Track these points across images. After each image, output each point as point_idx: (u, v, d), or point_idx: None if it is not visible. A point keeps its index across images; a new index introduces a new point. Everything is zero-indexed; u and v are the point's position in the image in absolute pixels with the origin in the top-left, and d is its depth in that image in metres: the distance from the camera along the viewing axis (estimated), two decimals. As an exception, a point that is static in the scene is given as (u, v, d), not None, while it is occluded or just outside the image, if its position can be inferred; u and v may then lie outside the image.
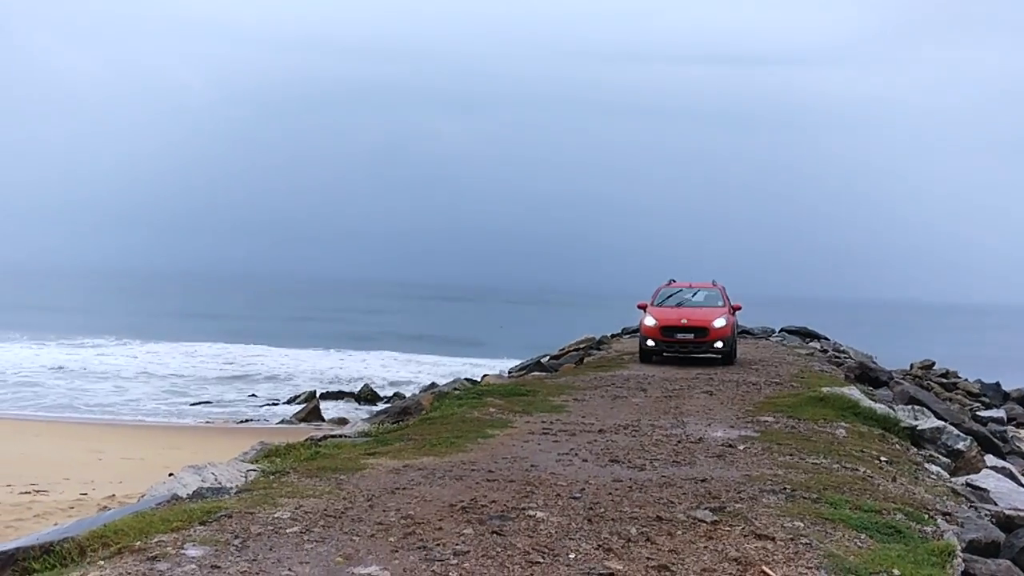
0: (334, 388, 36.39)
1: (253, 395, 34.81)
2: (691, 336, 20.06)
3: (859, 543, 6.62)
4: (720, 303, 21.34)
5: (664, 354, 20.37)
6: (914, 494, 8.56)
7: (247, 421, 28.74)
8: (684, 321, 20.26)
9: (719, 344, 20.04)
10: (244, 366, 44.14)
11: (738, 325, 23.35)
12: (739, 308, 21.65)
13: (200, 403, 32.49)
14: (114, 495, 13.86)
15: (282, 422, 27.95)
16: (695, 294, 22.14)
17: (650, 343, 20.41)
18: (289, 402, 32.54)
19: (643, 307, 21.40)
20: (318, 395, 32.73)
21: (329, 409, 30.30)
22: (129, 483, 15.73)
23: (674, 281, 22.78)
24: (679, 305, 21.43)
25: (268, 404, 32.80)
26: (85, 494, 14.75)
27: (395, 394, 33.93)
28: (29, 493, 14.83)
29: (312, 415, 28.31)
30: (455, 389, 15.24)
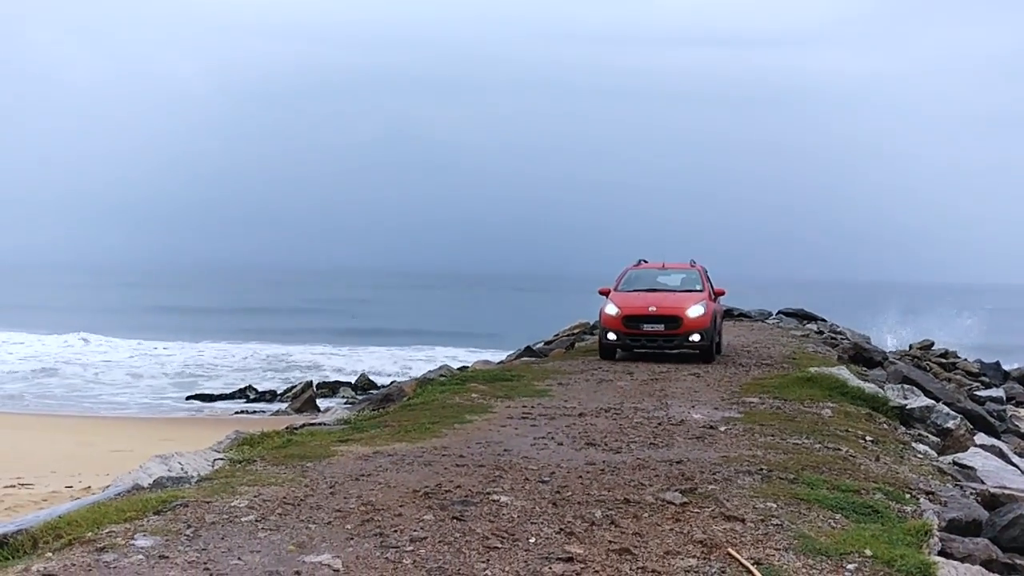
0: (334, 379, 36.23)
1: (251, 387, 34.64)
2: (661, 327, 17.14)
3: (833, 523, 6.44)
4: (699, 287, 18.42)
5: (630, 350, 17.72)
6: (897, 473, 8.39)
7: (242, 413, 28.65)
8: (652, 309, 17.32)
9: (695, 337, 17.01)
10: (243, 359, 44.03)
11: (722, 312, 20.42)
12: (722, 293, 18.94)
13: (197, 396, 32.38)
14: (89, 487, 13.73)
15: (277, 413, 27.83)
16: (668, 276, 19.27)
17: (611, 336, 17.55)
18: (285, 393, 32.41)
19: (605, 293, 18.41)
20: (315, 385, 32.55)
21: (326, 400, 30.17)
22: (116, 475, 15.58)
23: (645, 262, 19.82)
24: (648, 290, 18.45)
25: (266, 396, 32.67)
26: (70, 486, 14.61)
27: (392, 383, 33.76)
28: (14, 486, 14.70)
29: (307, 405, 28.17)
30: (440, 375, 15.09)
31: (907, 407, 12.33)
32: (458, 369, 19.19)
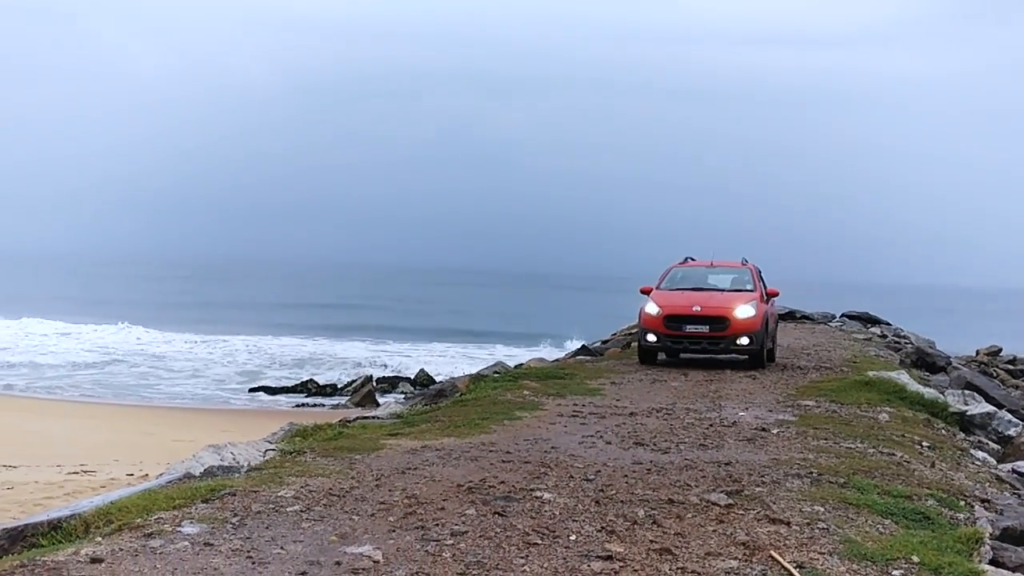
0: (393, 375, 36.53)
1: (313, 380, 35.05)
2: (705, 329, 15.92)
3: (881, 529, 6.33)
4: (749, 287, 17.11)
5: (673, 354, 16.63)
6: (952, 480, 8.23)
7: (303, 406, 29.05)
8: (696, 309, 16.09)
9: (744, 340, 15.77)
10: (305, 353, 44.55)
11: (776, 316, 19.04)
12: (776, 294, 17.63)
13: (259, 388, 32.91)
14: (147, 474, 14.02)
15: (336, 407, 28.15)
16: (717, 275, 18.01)
17: (651, 338, 16.33)
18: (345, 387, 32.74)
19: (647, 291, 17.20)
20: (374, 380, 32.83)
21: (386, 395, 30.40)
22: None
23: (692, 259, 18.64)
24: (694, 289, 17.23)
25: (326, 390, 33.04)
26: (130, 474, 14.93)
27: (450, 379, 33.89)
28: (76, 473, 15.06)
29: (366, 399, 28.41)
30: (494, 372, 15.14)
31: (967, 413, 12.08)
32: (513, 367, 19.24)
